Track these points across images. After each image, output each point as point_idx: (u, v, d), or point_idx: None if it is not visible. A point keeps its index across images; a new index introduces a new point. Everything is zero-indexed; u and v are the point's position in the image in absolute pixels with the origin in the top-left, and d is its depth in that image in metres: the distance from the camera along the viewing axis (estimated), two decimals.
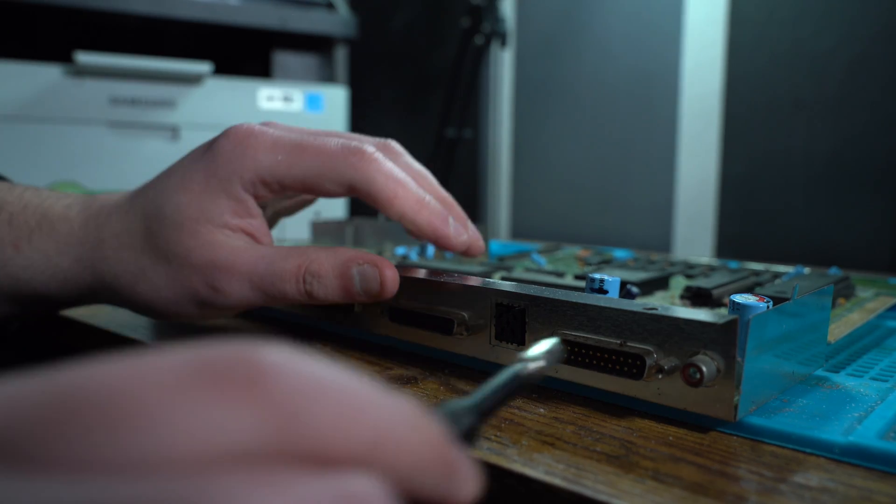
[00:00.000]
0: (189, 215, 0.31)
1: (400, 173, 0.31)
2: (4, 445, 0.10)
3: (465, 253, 0.33)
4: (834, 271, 0.45)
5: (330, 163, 0.30)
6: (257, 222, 0.32)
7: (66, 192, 0.37)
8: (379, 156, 0.31)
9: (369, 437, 0.11)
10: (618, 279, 0.29)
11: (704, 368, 0.23)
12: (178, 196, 0.31)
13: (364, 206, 1.46)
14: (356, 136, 0.33)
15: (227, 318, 0.39)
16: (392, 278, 0.31)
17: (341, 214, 1.14)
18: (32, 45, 1.17)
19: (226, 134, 0.32)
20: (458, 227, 0.32)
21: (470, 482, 0.13)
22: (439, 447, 0.13)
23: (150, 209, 0.32)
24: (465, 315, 0.30)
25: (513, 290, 0.28)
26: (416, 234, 0.32)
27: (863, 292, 0.41)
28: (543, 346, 0.19)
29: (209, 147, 0.32)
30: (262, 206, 0.33)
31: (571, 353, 0.26)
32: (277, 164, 0.31)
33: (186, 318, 0.33)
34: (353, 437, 0.11)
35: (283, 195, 0.33)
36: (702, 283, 0.38)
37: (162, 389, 0.10)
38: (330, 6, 1.21)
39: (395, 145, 0.34)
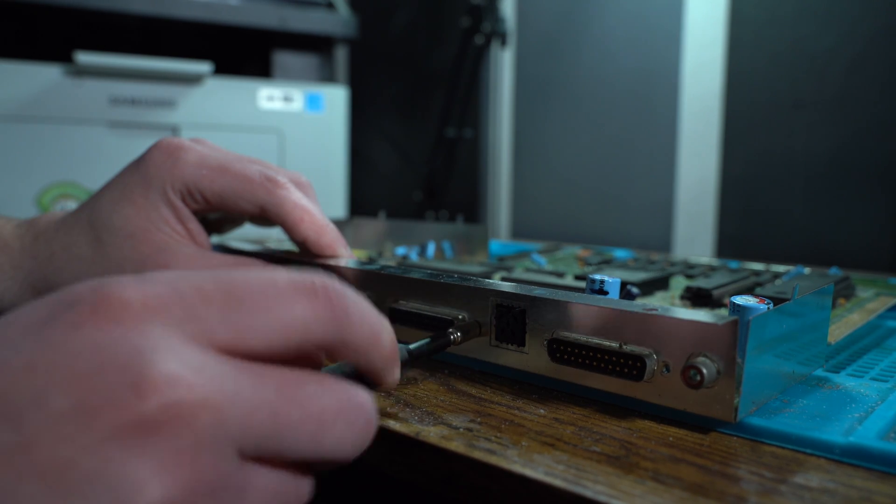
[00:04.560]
0: (139, 225, 0.34)
1: (307, 202, 0.35)
2: None
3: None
4: (834, 271, 0.45)
5: (247, 185, 0.34)
6: (196, 227, 0.35)
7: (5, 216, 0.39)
8: (291, 185, 0.35)
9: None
10: (618, 280, 0.29)
11: (705, 371, 0.23)
12: (124, 208, 0.34)
13: (364, 206, 1.45)
14: (273, 166, 0.37)
15: None
16: None
17: (341, 215, 1.14)
18: (32, 45, 1.16)
19: (156, 146, 0.35)
20: (348, 250, 0.37)
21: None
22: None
23: (97, 222, 0.34)
24: (466, 316, 0.30)
25: (513, 291, 0.28)
26: (314, 252, 0.36)
27: (863, 292, 0.41)
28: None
29: (142, 159, 0.35)
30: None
31: (572, 353, 0.26)
32: (202, 177, 0.34)
33: None
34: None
35: (204, 211, 0.36)
36: (702, 283, 0.38)
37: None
38: (330, 6, 1.21)
39: (304, 179, 0.38)
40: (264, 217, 0.35)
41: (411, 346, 0.25)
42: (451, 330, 0.28)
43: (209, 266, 0.34)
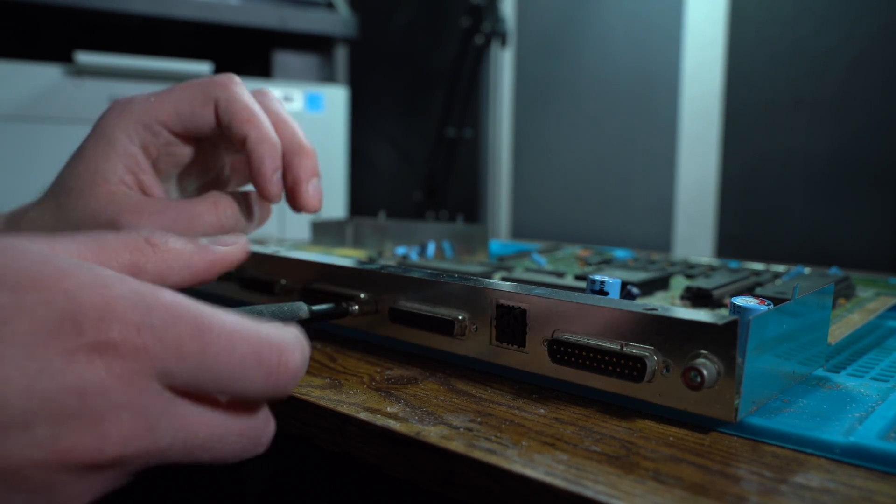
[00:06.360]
0: (87, 180, 0.34)
1: (259, 109, 0.34)
2: None
3: (294, 205, 0.36)
4: (834, 271, 0.45)
5: (199, 87, 0.34)
6: (149, 178, 0.35)
7: None
8: (244, 86, 0.35)
9: None
10: (619, 281, 0.29)
11: (705, 372, 0.23)
12: (77, 166, 0.34)
13: (364, 206, 1.44)
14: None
15: None
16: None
17: (341, 214, 1.14)
18: (32, 45, 1.16)
19: (111, 105, 0.35)
20: (278, 181, 0.35)
21: None
22: None
23: (56, 188, 0.35)
24: (466, 316, 0.30)
25: (513, 291, 0.28)
26: (249, 166, 0.34)
27: (863, 292, 0.41)
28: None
29: (98, 119, 0.35)
30: (162, 167, 0.36)
31: (572, 354, 0.26)
32: (150, 105, 0.34)
33: None
34: None
35: (167, 139, 0.35)
36: (702, 283, 0.38)
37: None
38: (330, 6, 1.21)
39: (268, 90, 0.37)
40: (222, 130, 0.34)
41: (314, 308, 0.29)
42: (351, 302, 0.32)
43: (156, 212, 0.33)
